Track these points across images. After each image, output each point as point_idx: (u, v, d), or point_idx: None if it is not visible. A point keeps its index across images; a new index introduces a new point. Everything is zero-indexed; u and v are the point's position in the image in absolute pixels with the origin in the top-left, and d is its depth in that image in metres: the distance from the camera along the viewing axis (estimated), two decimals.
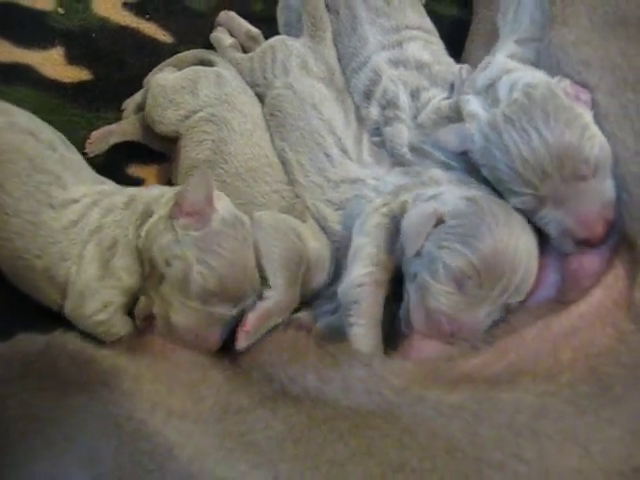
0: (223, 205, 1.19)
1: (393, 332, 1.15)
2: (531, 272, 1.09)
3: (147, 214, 1.20)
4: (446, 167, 1.22)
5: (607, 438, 0.94)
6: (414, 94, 1.29)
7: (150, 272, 1.18)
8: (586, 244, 1.07)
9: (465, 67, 1.29)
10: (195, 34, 1.58)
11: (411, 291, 1.11)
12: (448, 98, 1.27)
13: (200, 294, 1.14)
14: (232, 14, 1.57)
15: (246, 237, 1.19)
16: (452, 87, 1.28)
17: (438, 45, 1.39)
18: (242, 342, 1.15)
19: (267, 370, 1.05)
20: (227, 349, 1.18)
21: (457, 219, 1.09)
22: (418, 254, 1.10)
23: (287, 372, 1.03)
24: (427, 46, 1.36)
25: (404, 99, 1.29)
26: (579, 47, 1.15)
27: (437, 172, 1.21)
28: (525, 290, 1.09)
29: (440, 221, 1.10)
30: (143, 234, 1.18)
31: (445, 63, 1.35)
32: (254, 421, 0.98)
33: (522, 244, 1.08)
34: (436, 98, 1.28)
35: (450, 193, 1.14)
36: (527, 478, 0.92)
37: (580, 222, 1.07)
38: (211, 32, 1.56)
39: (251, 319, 1.15)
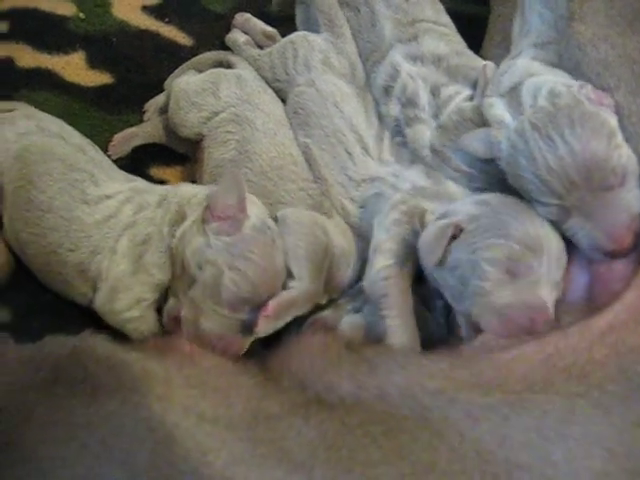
0: (254, 210, 1.21)
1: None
2: (561, 245, 1.10)
3: (180, 214, 1.22)
4: (465, 177, 1.22)
5: (632, 440, 0.95)
6: (434, 91, 1.29)
7: (181, 274, 1.19)
8: (614, 255, 1.06)
9: (489, 65, 1.27)
10: (213, 36, 1.59)
11: (468, 305, 1.09)
12: (471, 97, 1.26)
13: (231, 301, 1.16)
14: (248, 15, 1.57)
15: (275, 240, 1.20)
16: (474, 84, 1.27)
17: (455, 38, 1.39)
18: (262, 327, 1.16)
19: (299, 378, 1.04)
20: (255, 354, 1.19)
21: (476, 221, 1.10)
22: (440, 265, 1.10)
23: (323, 381, 1.03)
24: (442, 37, 1.36)
25: (424, 96, 1.29)
26: (597, 45, 1.13)
27: (453, 187, 1.22)
28: (564, 263, 1.09)
29: (459, 230, 1.10)
30: (178, 235, 1.20)
31: (465, 55, 1.35)
32: (286, 428, 0.98)
33: (543, 223, 1.09)
34: (459, 96, 1.27)
35: (461, 203, 1.15)
36: (554, 479, 0.93)
37: (607, 235, 1.05)
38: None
39: (272, 305, 1.16)
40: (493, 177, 1.19)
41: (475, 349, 1.06)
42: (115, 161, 1.42)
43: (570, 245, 1.11)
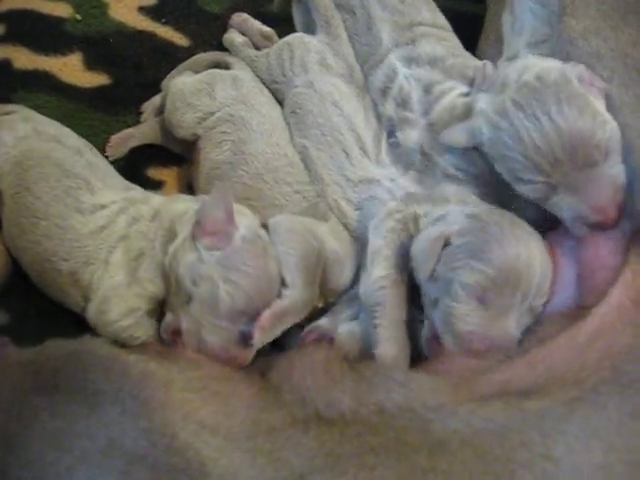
0: (243, 221, 1.20)
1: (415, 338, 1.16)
2: (546, 271, 1.10)
3: (172, 232, 1.21)
4: (452, 179, 1.22)
5: (630, 431, 0.96)
6: (427, 89, 1.29)
7: (176, 290, 1.19)
8: (599, 227, 1.08)
9: (488, 63, 1.26)
10: (210, 36, 1.60)
11: (436, 318, 1.11)
12: (466, 94, 1.25)
13: (229, 313, 1.15)
14: (245, 15, 1.57)
15: (266, 249, 1.20)
16: (470, 82, 1.27)
17: (452, 41, 1.39)
18: (258, 338, 1.16)
19: (301, 392, 1.04)
20: (257, 362, 1.18)
21: (463, 237, 1.10)
22: (432, 277, 1.11)
23: (324, 397, 1.03)
24: (440, 41, 1.36)
25: (415, 95, 1.29)
26: (588, 38, 1.13)
27: (446, 188, 1.22)
28: (545, 289, 1.09)
29: (447, 243, 1.10)
30: (170, 253, 1.19)
31: (461, 56, 1.35)
32: (285, 440, 0.99)
33: (532, 246, 1.09)
34: (452, 92, 1.27)
35: (454, 213, 1.14)
36: (556, 475, 0.94)
37: (593, 207, 1.06)
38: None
39: (266, 316, 1.16)
40: (481, 180, 1.20)
41: (471, 369, 1.07)
42: (112, 162, 1.43)
43: (558, 242, 1.12)
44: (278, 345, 1.24)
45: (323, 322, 1.24)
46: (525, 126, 1.08)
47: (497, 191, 1.17)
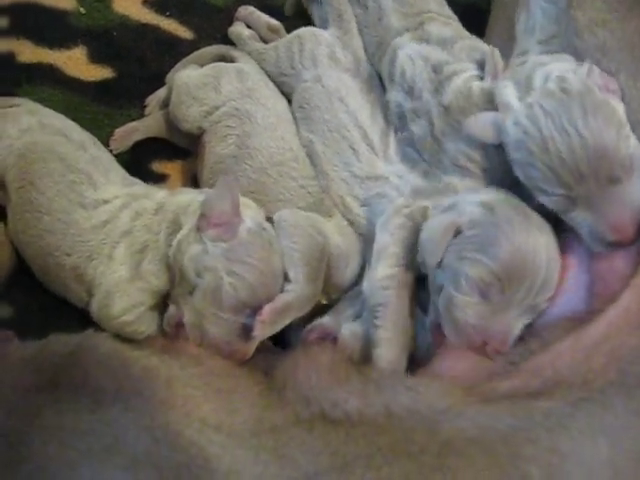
0: (249, 213, 1.20)
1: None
2: (553, 270, 1.08)
3: (176, 224, 1.21)
4: (460, 170, 1.21)
5: (637, 429, 0.96)
6: (436, 69, 1.28)
7: (180, 281, 1.19)
8: (616, 246, 1.06)
9: (496, 50, 1.24)
10: (215, 30, 1.59)
11: (439, 305, 1.10)
12: (480, 77, 1.24)
13: (233, 305, 1.15)
14: (251, 8, 1.57)
15: (272, 242, 1.20)
16: (479, 64, 1.26)
17: (459, 27, 1.39)
18: (259, 331, 1.15)
19: (304, 392, 1.04)
20: (260, 360, 1.18)
21: (474, 229, 1.08)
22: (439, 266, 1.10)
23: (330, 397, 1.03)
24: (447, 25, 1.36)
25: (423, 76, 1.28)
26: (594, 30, 1.12)
27: (454, 180, 1.21)
28: (550, 288, 1.08)
29: (458, 231, 1.09)
30: (174, 244, 1.19)
31: (468, 38, 1.35)
32: (288, 438, 0.99)
33: (541, 245, 1.07)
34: (464, 73, 1.25)
35: (466, 200, 1.13)
36: (561, 468, 0.94)
37: (611, 226, 1.05)
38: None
39: (267, 310, 1.16)
40: (490, 174, 1.19)
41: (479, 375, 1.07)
42: (116, 156, 1.43)
43: (572, 244, 1.11)
44: (280, 340, 1.25)
45: (326, 320, 1.23)
46: (553, 137, 1.06)
47: (505, 187, 1.15)
